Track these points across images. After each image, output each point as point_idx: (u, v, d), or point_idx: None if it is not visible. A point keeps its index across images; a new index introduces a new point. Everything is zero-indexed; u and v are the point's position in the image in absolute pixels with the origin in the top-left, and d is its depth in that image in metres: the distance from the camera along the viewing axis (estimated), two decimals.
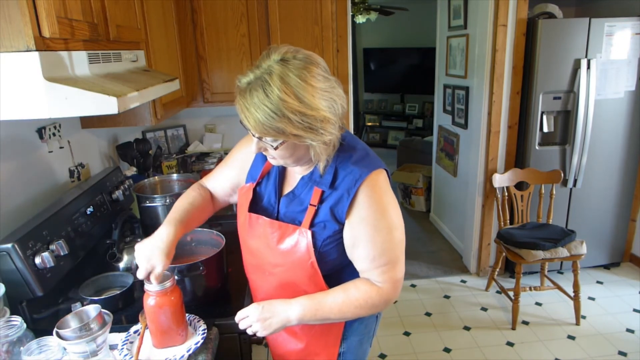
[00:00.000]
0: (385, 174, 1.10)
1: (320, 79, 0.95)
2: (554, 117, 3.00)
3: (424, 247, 3.91)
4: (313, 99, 0.93)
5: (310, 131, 0.95)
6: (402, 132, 7.29)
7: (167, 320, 1.11)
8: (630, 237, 3.37)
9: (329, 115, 0.95)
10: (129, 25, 1.57)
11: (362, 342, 1.28)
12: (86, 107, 1.00)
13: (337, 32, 2.51)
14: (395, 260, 1.08)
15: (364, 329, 1.26)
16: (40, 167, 1.61)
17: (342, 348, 1.25)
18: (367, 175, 1.04)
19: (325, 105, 0.95)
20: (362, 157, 1.09)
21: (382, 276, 1.08)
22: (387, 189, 1.09)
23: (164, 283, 1.10)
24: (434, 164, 4.29)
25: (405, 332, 2.74)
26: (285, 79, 0.92)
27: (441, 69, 3.96)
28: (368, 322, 1.27)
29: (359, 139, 1.17)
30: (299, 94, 0.92)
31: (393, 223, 1.07)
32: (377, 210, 1.05)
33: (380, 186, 1.06)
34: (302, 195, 1.12)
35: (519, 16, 2.88)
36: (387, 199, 1.07)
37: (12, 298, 1.22)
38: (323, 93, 0.95)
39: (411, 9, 6.07)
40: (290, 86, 0.91)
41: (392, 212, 1.07)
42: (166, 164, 2.54)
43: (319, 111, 0.94)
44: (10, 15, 0.94)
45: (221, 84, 2.51)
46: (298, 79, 0.92)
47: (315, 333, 1.23)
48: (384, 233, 1.06)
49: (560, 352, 2.52)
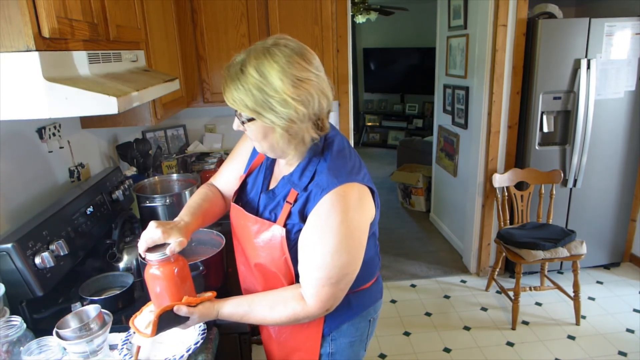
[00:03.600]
0: (362, 191, 1.05)
1: (299, 67, 0.97)
2: (554, 117, 3.00)
3: (424, 247, 3.91)
4: (277, 80, 0.95)
5: (270, 111, 0.97)
6: (402, 132, 7.30)
7: (167, 292, 1.06)
8: (630, 237, 3.37)
9: (292, 102, 0.96)
10: (129, 25, 1.57)
11: (354, 344, 1.27)
12: (86, 107, 1.00)
13: (337, 32, 2.51)
14: (330, 281, 1.04)
15: (354, 332, 1.25)
16: (40, 167, 1.61)
17: (331, 348, 1.24)
18: (336, 187, 1.01)
19: (293, 91, 0.96)
20: (341, 166, 1.06)
21: (311, 290, 1.05)
22: (355, 206, 1.03)
23: (163, 251, 1.05)
24: (434, 164, 4.29)
25: (405, 332, 2.74)
26: (261, 58, 0.97)
27: (441, 69, 3.96)
28: (360, 325, 1.26)
29: (353, 150, 1.16)
30: (265, 71, 0.96)
31: (341, 243, 1.01)
32: (331, 223, 1.00)
33: (346, 202, 1.01)
34: (280, 194, 1.13)
35: (519, 16, 2.88)
36: (345, 217, 1.01)
37: (12, 298, 1.22)
38: (295, 80, 0.96)
39: (411, 9, 6.07)
40: (262, 64, 0.96)
41: (346, 231, 1.01)
42: (166, 164, 2.54)
43: (281, 93, 0.95)
44: (10, 15, 0.94)
45: (221, 84, 2.51)
46: (272, 60, 0.96)
47: (291, 329, 1.23)
48: (327, 248, 1.01)
49: (560, 352, 2.52)
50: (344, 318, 1.22)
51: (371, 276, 1.27)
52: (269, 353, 1.33)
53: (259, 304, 1.11)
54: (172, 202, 1.77)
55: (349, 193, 1.02)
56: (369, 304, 1.27)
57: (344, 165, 1.07)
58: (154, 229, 1.07)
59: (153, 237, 1.06)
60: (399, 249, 3.81)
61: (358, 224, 1.04)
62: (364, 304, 1.25)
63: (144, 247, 1.07)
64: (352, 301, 1.21)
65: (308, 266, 1.06)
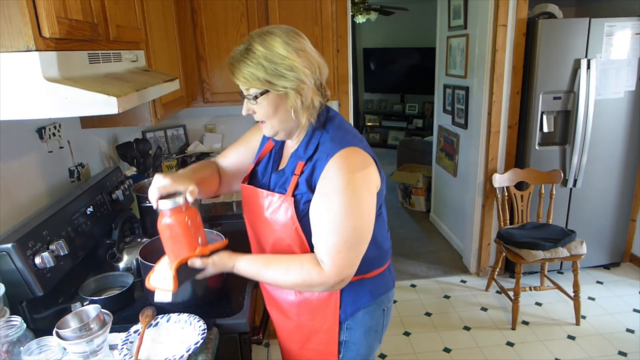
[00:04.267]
0: (365, 157, 1.11)
1: (296, 40, 1.08)
2: (554, 117, 3.00)
3: (424, 247, 3.91)
4: (282, 50, 1.05)
5: (280, 78, 1.05)
6: (402, 132, 7.29)
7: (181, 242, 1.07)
8: (630, 237, 3.37)
9: (299, 66, 1.06)
10: (129, 25, 1.57)
11: (368, 334, 1.28)
12: (86, 107, 1.00)
13: (337, 32, 2.51)
14: (345, 245, 1.07)
15: (370, 320, 1.26)
16: (40, 167, 1.61)
17: (346, 337, 1.25)
18: (339, 151, 1.07)
19: (296, 57, 1.06)
20: (342, 135, 1.13)
21: (327, 256, 1.08)
22: (359, 168, 1.08)
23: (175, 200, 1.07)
24: (434, 164, 4.29)
25: (405, 332, 2.74)
26: (263, 37, 1.07)
27: (441, 69, 3.96)
28: (375, 313, 1.27)
29: (350, 125, 1.22)
30: (270, 44, 1.06)
31: (355, 203, 1.06)
32: (340, 186, 1.05)
33: (351, 164, 1.07)
34: (289, 171, 1.19)
35: (519, 16, 2.88)
36: (352, 178, 1.06)
37: (12, 298, 1.22)
38: (297, 50, 1.07)
39: (411, 9, 6.07)
40: (266, 40, 1.06)
41: (355, 193, 1.06)
42: (166, 164, 2.54)
43: (286, 59, 1.05)
44: (10, 15, 0.94)
45: (221, 84, 2.51)
46: (274, 35, 1.07)
47: (306, 312, 1.25)
48: (336, 210, 1.06)
49: (560, 352, 2.52)
50: (360, 304, 1.23)
51: (384, 260, 1.29)
52: (286, 338, 1.34)
53: (276, 262, 1.15)
54: None
55: (352, 155, 1.08)
56: (383, 290, 1.29)
57: (346, 135, 1.13)
58: (162, 178, 1.12)
59: (164, 184, 1.10)
60: (399, 249, 3.81)
61: (364, 184, 1.08)
62: (379, 290, 1.27)
63: (156, 195, 1.10)
64: (367, 286, 1.23)
65: (321, 233, 1.09)
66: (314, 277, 1.09)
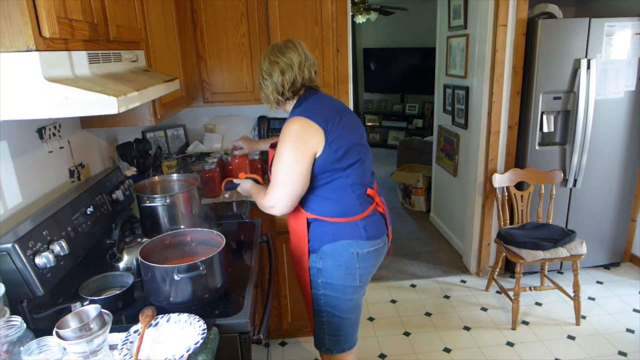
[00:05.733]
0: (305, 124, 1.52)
1: (268, 52, 1.66)
2: (554, 117, 3.00)
3: (424, 247, 3.91)
4: (262, 62, 1.66)
5: (262, 78, 1.67)
6: (402, 132, 7.30)
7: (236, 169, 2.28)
8: (630, 237, 3.37)
9: (264, 74, 1.65)
10: (129, 25, 1.58)
11: (339, 268, 1.63)
12: (86, 107, 1.00)
13: (337, 32, 2.51)
14: (275, 183, 1.55)
15: (338, 257, 1.62)
16: (40, 167, 1.61)
17: (320, 265, 1.65)
18: (289, 119, 1.56)
19: (267, 67, 1.64)
20: (304, 109, 1.58)
21: (268, 189, 1.59)
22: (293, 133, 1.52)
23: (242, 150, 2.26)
24: (434, 164, 4.29)
25: (405, 332, 2.74)
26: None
27: (441, 69, 3.97)
28: (342, 252, 1.62)
29: (339, 104, 1.71)
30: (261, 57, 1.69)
31: (283, 153, 1.52)
32: (280, 141, 1.54)
33: (288, 128, 1.53)
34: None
35: (519, 16, 2.88)
36: (285, 136, 1.53)
37: (12, 298, 1.22)
38: (269, 64, 1.64)
39: (411, 9, 6.07)
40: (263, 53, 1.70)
41: (284, 146, 1.52)
42: (166, 164, 2.53)
43: (263, 68, 1.65)
44: (10, 15, 0.94)
45: (221, 84, 2.51)
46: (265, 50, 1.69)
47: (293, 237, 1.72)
48: (277, 158, 1.54)
49: (560, 352, 2.52)
50: (324, 240, 1.63)
51: (348, 213, 1.61)
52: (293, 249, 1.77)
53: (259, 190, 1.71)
54: (172, 202, 1.77)
55: (292, 124, 1.53)
56: (346, 236, 1.61)
57: (307, 109, 1.58)
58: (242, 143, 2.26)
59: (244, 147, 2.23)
60: (399, 249, 3.82)
61: (289, 144, 1.51)
62: (341, 234, 1.61)
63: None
64: (329, 227, 1.61)
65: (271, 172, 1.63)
66: (261, 200, 1.62)
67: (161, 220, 1.77)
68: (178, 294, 1.32)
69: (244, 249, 1.77)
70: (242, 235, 1.92)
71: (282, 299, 2.46)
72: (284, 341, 2.65)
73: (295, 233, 1.71)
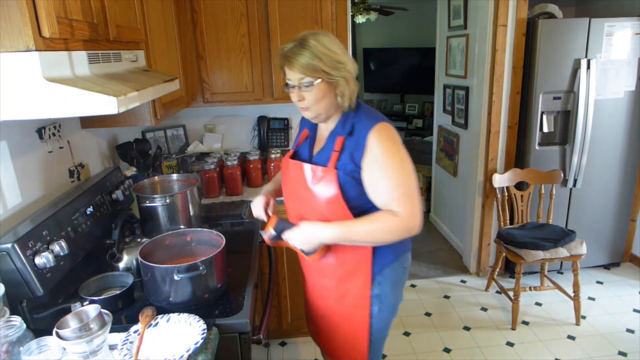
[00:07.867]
0: (392, 127, 1.36)
1: (336, 42, 1.34)
2: (554, 117, 3.00)
3: (424, 247, 3.91)
4: (333, 46, 1.31)
5: (335, 69, 1.30)
6: (402, 132, 7.29)
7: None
8: (630, 237, 3.37)
9: (346, 59, 1.33)
10: (129, 25, 1.57)
11: (394, 287, 1.52)
12: (86, 107, 1.00)
13: (337, 32, 2.51)
14: (410, 193, 1.31)
15: (395, 275, 1.50)
16: (40, 167, 1.61)
17: (378, 291, 1.48)
18: (375, 125, 1.33)
19: (342, 53, 1.32)
20: (373, 114, 1.41)
21: (401, 206, 1.30)
22: (394, 137, 1.35)
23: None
24: (434, 164, 4.29)
25: (405, 332, 2.74)
26: (315, 37, 1.30)
27: (441, 69, 3.96)
28: (398, 270, 1.51)
29: (372, 108, 1.49)
30: (323, 41, 1.30)
31: (402, 161, 1.33)
32: (386, 151, 1.32)
33: (387, 134, 1.34)
34: (329, 148, 1.40)
35: (519, 16, 2.88)
36: (393, 143, 1.33)
37: (12, 298, 1.22)
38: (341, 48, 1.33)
39: (411, 9, 6.07)
40: (318, 38, 1.30)
41: (399, 154, 1.33)
42: (166, 164, 2.53)
43: (337, 55, 1.31)
44: (10, 15, 0.94)
45: (221, 84, 2.51)
46: (322, 35, 1.32)
47: (344, 272, 1.47)
48: (395, 169, 1.31)
49: (560, 352, 2.52)
50: (386, 262, 1.47)
51: None
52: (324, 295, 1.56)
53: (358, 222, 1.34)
54: (172, 202, 1.77)
55: (387, 128, 1.35)
56: (402, 251, 1.53)
57: (375, 114, 1.41)
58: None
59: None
60: None
61: (402, 147, 1.35)
62: (401, 250, 1.51)
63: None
64: (390, 247, 1.44)
65: (385, 191, 1.32)
66: (396, 224, 1.30)
67: (161, 220, 1.77)
68: (178, 294, 1.32)
69: (244, 249, 1.77)
70: (242, 235, 1.92)
71: (282, 299, 2.46)
72: (283, 341, 2.65)
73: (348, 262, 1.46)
